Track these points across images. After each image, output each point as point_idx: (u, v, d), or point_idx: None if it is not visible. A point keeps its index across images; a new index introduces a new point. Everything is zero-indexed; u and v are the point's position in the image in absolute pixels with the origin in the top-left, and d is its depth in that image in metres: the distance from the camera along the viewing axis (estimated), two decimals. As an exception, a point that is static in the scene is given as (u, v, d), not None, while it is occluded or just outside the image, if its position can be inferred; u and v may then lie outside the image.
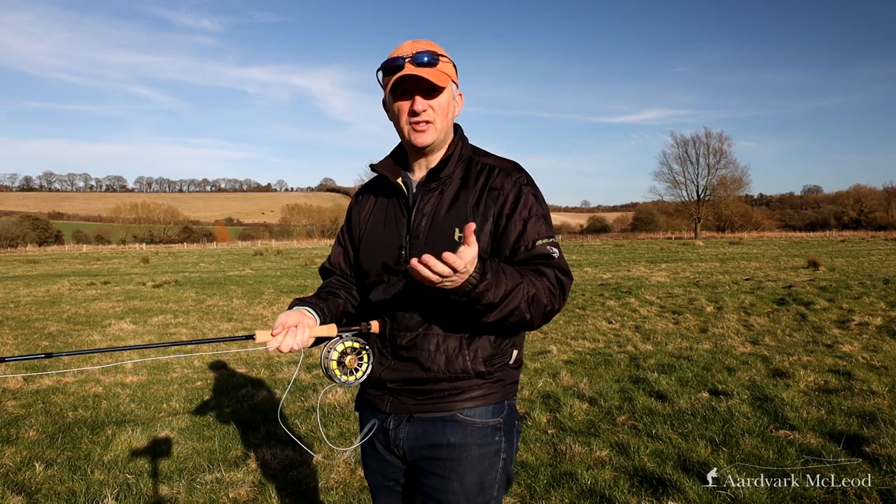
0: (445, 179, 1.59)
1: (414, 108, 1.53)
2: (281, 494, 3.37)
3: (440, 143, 1.60)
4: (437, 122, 1.55)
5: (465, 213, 1.53)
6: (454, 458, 1.52)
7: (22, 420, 4.71)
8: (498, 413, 1.57)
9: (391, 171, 1.66)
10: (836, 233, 61.96)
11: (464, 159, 1.62)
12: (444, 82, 1.54)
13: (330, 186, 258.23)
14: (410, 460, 1.59)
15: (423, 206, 1.58)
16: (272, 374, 5.98)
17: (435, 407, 1.54)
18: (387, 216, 1.65)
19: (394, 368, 1.56)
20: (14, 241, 71.84)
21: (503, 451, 1.57)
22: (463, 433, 1.53)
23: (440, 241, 1.52)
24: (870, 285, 10.71)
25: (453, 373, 1.51)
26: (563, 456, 3.73)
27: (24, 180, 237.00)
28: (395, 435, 1.59)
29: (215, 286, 15.55)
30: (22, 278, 20.01)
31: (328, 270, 1.81)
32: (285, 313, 1.51)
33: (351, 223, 1.77)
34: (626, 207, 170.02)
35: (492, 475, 1.55)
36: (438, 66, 1.54)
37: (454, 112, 1.63)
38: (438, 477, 1.52)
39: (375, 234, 1.66)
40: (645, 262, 21.09)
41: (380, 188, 1.72)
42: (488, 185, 1.56)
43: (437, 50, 1.56)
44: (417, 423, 1.56)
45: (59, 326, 9.40)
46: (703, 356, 6.32)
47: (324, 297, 1.66)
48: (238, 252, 46.11)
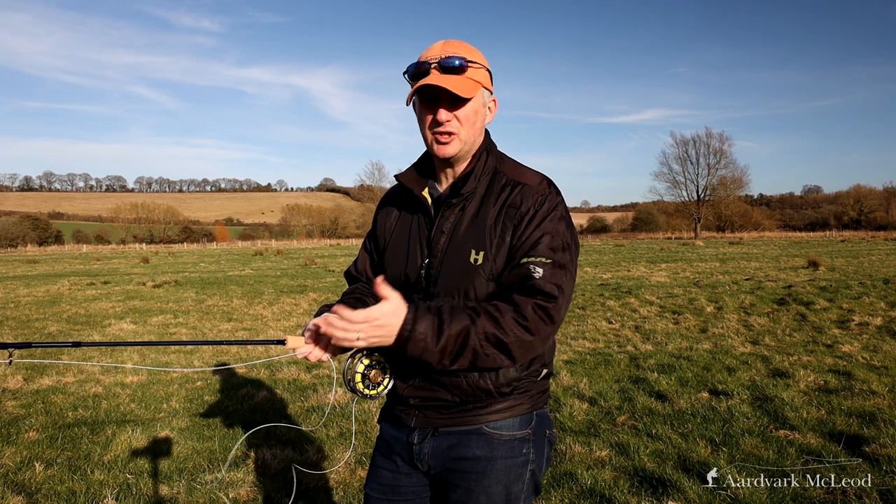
0: (467, 195, 1.51)
1: (437, 118, 1.46)
2: (281, 494, 3.37)
3: (466, 153, 1.52)
4: (461, 133, 1.47)
5: (482, 233, 1.46)
6: (479, 470, 1.49)
7: (22, 420, 4.70)
8: (526, 424, 1.53)
9: (416, 183, 1.59)
10: (836, 233, 62.00)
11: (487, 172, 1.53)
12: (471, 92, 1.45)
13: (330, 186, 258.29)
14: (435, 473, 1.55)
15: (443, 223, 1.51)
16: (272, 374, 5.98)
17: (460, 420, 1.50)
18: (410, 230, 1.58)
19: (418, 387, 1.51)
20: (14, 241, 71.85)
21: (531, 462, 1.53)
22: (489, 446, 1.49)
23: (456, 262, 1.46)
24: (870, 285, 10.71)
25: (476, 395, 1.47)
26: (563, 456, 3.73)
27: (24, 180, 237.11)
28: (420, 450, 1.55)
29: (215, 286, 15.55)
30: (22, 278, 20.01)
31: (354, 277, 1.75)
32: (317, 320, 1.47)
33: (376, 230, 1.71)
34: (626, 207, 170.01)
35: (518, 486, 1.51)
36: (467, 73, 1.46)
37: (483, 120, 1.54)
38: (464, 489, 1.50)
39: (398, 247, 1.60)
40: (645, 262, 21.09)
41: (404, 198, 1.64)
42: (508, 202, 1.47)
43: (468, 55, 1.47)
44: (443, 437, 1.52)
45: (59, 326, 9.40)
46: (703, 356, 6.32)
47: (352, 303, 1.61)
48: (238, 252, 46.12)
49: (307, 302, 11.91)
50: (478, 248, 1.45)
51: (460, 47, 1.47)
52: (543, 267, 1.38)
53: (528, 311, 1.35)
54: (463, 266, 1.45)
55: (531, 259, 1.39)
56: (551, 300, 1.36)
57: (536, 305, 1.35)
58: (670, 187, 76.18)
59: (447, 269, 1.47)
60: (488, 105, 1.55)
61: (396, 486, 1.60)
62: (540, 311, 1.36)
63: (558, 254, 1.41)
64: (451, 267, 1.47)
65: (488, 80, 1.53)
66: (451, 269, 1.47)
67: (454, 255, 1.47)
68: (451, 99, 1.45)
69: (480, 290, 1.43)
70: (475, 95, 1.47)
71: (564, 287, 1.40)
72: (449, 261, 1.48)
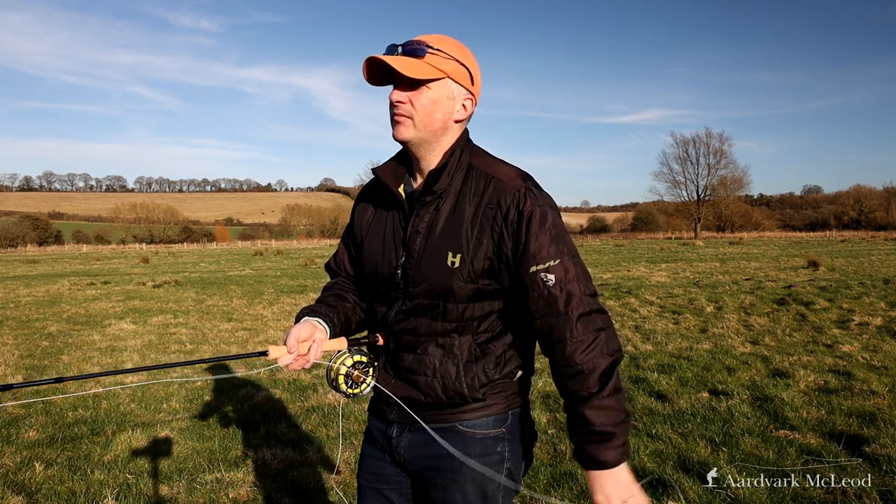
0: (441, 193, 1.48)
1: (390, 96, 1.45)
2: (281, 494, 3.37)
3: (424, 142, 1.48)
4: (415, 118, 1.44)
5: (459, 233, 1.44)
6: (454, 468, 1.49)
7: (22, 420, 4.70)
8: (500, 423, 1.52)
9: (393, 178, 1.56)
10: (836, 233, 61.98)
11: (461, 168, 1.49)
12: (420, 73, 1.40)
13: (330, 186, 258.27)
14: (411, 470, 1.57)
15: (419, 222, 1.49)
16: (272, 374, 5.99)
17: (434, 418, 1.51)
18: (385, 227, 1.57)
19: (395, 386, 1.53)
20: (14, 241, 71.85)
21: (507, 460, 1.53)
22: (463, 444, 1.50)
23: (433, 264, 1.45)
24: (870, 285, 10.72)
25: (450, 398, 1.48)
26: (563, 456, 3.73)
27: (24, 180, 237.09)
28: (398, 443, 1.57)
29: (215, 286, 15.56)
30: (22, 278, 20.02)
31: (334, 270, 1.76)
32: (297, 327, 1.46)
33: (353, 225, 1.70)
34: (626, 207, 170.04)
35: (494, 484, 1.51)
36: (426, 59, 1.41)
37: (448, 113, 1.47)
38: (440, 488, 1.50)
39: (374, 244, 1.59)
40: (645, 262, 21.09)
41: (380, 194, 1.62)
42: (485, 201, 1.43)
43: (438, 44, 1.43)
44: (418, 433, 1.54)
45: (59, 326, 9.40)
46: (703, 356, 6.32)
47: (332, 303, 1.61)
48: (238, 252, 46.13)
49: (307, 302, 11.90)
50: (454, 250, 1.43)
51: (432, 38, 1.45)
52: (551, 273, 1.38)
53: (580, 330, 1.37)
54: (440, 267, 1.45)
55: (539, 266, 1.38)
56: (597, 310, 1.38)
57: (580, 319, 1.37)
58: (670, 187, 76.30)
59: (425, 271, 1.47)
60: (461, 101, 1.50)
61: (382, 474, 1.62)
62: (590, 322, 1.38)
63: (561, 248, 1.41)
64: (428, 268, 1.46)
65: (462, 76, 1.47)
66: (428, 270, 1.46)
67: (431, 256, 1.46)
68: (408, 81, 1.43)
69: (459, 291, 1.43)
70: (433, 82, 1.43)
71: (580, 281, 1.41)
72: (426, 262, 1.46)
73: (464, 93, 1.50)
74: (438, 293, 1.45)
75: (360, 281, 1.68)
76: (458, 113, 1.50)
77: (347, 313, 1.62)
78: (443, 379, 1.47)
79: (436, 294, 1.45)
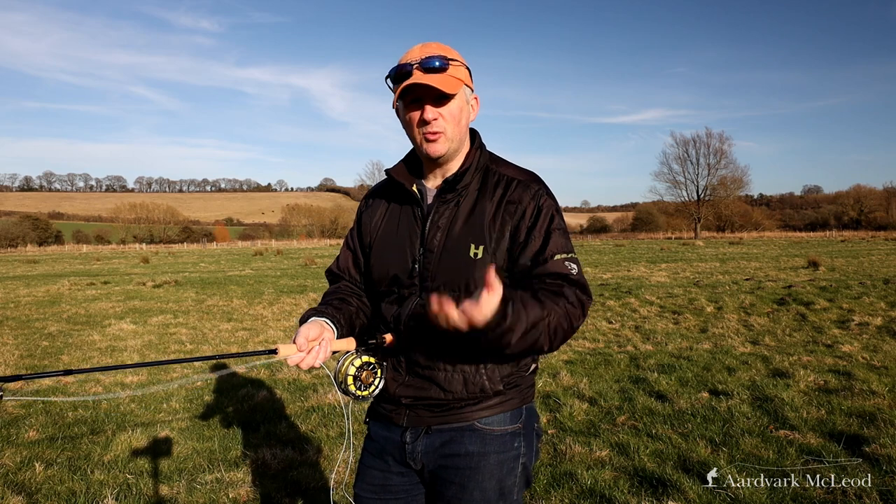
0: (462, 191, 1.54)
1: (424, 116, 1.47)
2: (281, 494, 3.37)
3: (454, 151, 1.54)
4: (447, 130, 1.49)
5: (481, 228, 1.49)
6: (472, 466, 1.50)
7: (22, 420, 4.70)
8: (516, 419, 1.55)
9: (406, 179, 1.60)
10: (836, 233, 61.98)
11: (480, 169, 1.56)
12: (455, 88, 1.47)
13: (330, 186, 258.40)
14: (428, 472, 1.56)
15: (439, 218, 1.53)
16: (272, 374, 5.98)
17: (452, 418, 1.52)
18: (399, 225, 1.59)
19: (409, 385, 1.52)
20: (14, 241, 71.84)
21: (523, 456, 1.55)
22: (482, 442, 1.51)
23: (454, 257, 1.48)
24: (870, 285, 10.72)
25: (472, 393, 1.48)
26: (563, 456, 3.73)
27: (24, 180, 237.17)
28: (413, 448, 1.56)
29: (215, 286, 15.55)
30: (22, 278, 20.01)
31: (336, 275, 1.75)
32: (306, 326, 1.46)
33: (361, 228, 1.70)
34: (626, 207, 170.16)
35: (511, 479, 1.53)
36: (449, 72, 1.47)
37: (468, 118, 1.56)
38: (458, 486, 1.51)
39: (387, 242, 1.60)
40: (645, 262, 21.09)
41: (393, 194, 1.64)
42: (506, 198, 1.51)
43: (447, 54, 1.49)
44: (435, 435, 1.54)
45: (59, 326, 9.40)
46: (703, 356, 6.32)
47: (337, 305, 1.61)
48: (238, 252, 46.11)
49: (307, 302, 11.91)
50: (477, 242, 1.48)
51: (439, 48, 1.49)
52: (574, 263, 1.45)
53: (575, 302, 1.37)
54: (463, 260, 1.48)
55: (562, 256, 1.45)
56: (588, 296, 1.43)
57: (579, 299, 1.39)
58: (670, 187, 76.23)
59: (446, 264, 1.49)
60: (471, 103, 1.57)
61: (387, 485, 1.61)
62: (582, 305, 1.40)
63: (571, 247, 1.49)
64: (449, 262, 1.48)
65: (468, 77, 1.56)
66: (450, 263, 1.48)
67: (452, 250, 1.49)
68: (437, 97, 1.47)
69: (480, 283, 1.43)
70: (458, 92, 1.50)
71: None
72: (447, 256, 1.49)
73: (471, 94, 1.57)
74: (457, 287, 1.47)
75: (369, 282, 1.67)
76: (472, 115, 1.59)
77: (352, 316, 1.62)
78: (462, 373, 1.48)
79: (454, 288, 1.47)
